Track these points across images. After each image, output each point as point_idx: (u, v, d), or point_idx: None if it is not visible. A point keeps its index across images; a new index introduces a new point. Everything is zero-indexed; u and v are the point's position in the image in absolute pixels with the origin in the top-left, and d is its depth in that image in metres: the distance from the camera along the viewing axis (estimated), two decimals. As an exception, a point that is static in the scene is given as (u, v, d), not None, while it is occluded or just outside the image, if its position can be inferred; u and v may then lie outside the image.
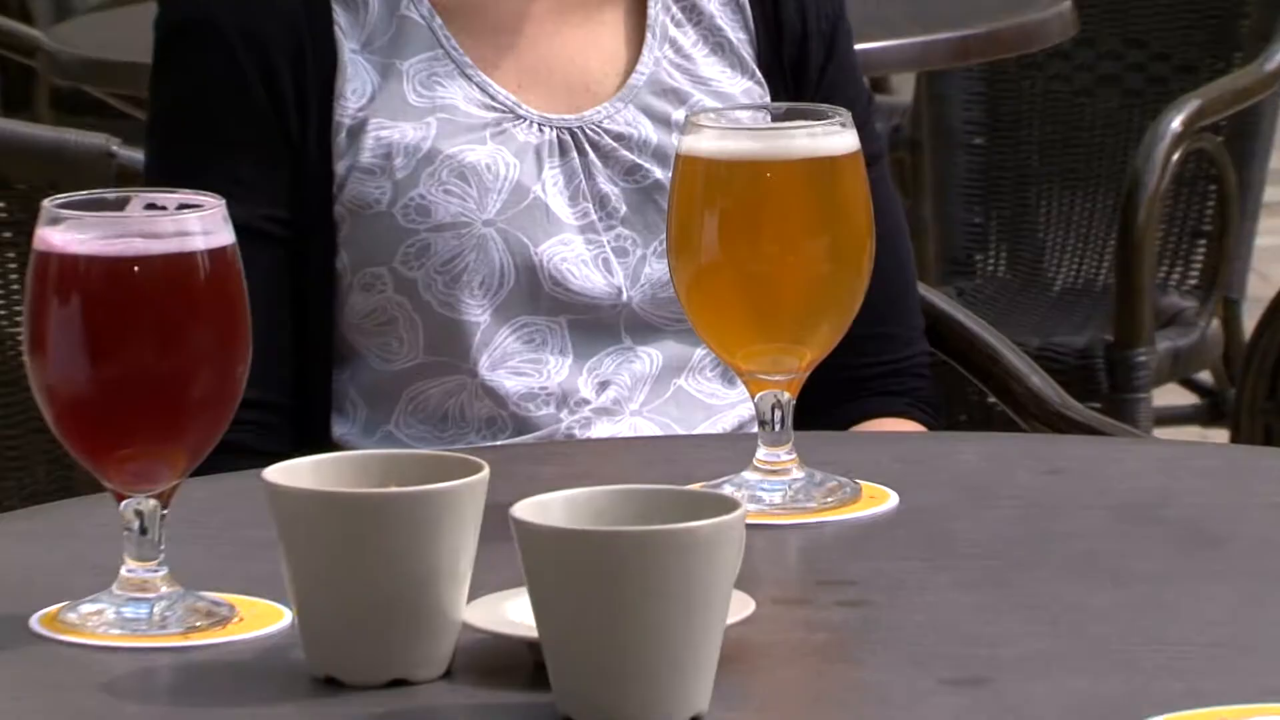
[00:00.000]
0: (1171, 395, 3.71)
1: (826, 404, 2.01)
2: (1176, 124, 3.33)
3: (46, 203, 1.65)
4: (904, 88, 3.79)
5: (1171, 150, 3.32)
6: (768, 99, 2.29)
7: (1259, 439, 2.82)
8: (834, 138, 1.80)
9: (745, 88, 2.31)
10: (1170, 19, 3.80)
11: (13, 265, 2.70)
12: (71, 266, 1.65)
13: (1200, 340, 3.60)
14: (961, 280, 3.73)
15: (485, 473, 1.54)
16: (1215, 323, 3.68)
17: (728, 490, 1.64)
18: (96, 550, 1.66)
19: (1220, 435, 3.52)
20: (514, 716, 1.52)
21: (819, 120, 1.82)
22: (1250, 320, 3.23)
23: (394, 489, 1.55)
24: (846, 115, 1.83)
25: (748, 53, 2.35)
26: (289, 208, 2.29)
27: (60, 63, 3.61)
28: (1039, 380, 2.26)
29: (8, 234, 2.72)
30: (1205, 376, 3.73)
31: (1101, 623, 1.64)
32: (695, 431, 2.29)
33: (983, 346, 2.29)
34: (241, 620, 1.61)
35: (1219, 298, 3.63)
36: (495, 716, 1.53)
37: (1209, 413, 3.74)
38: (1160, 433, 3.48)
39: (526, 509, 1.47)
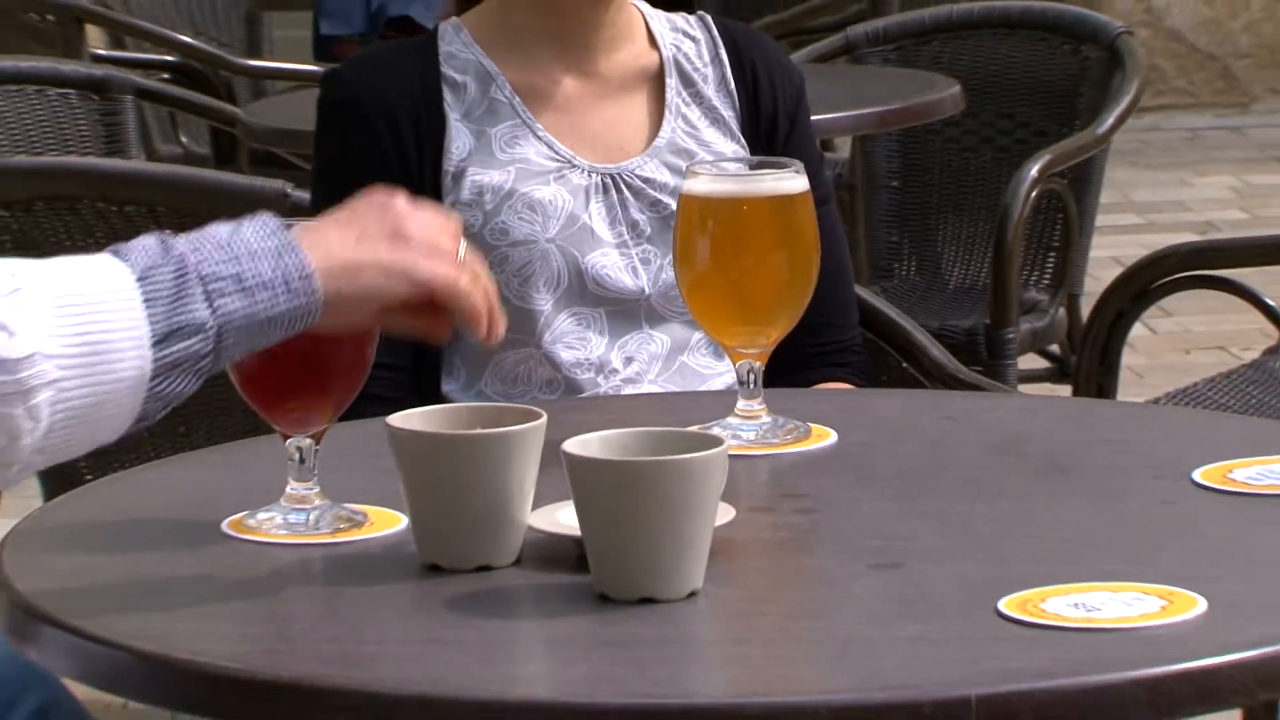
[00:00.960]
0: (1030, 361, 3.73)
1: (790, 371, 2.04)
2: (1034, 172, 3.38)
3: None
4: (844, 146, 3.80)
5: (1030, 190, 3.36)
6: (747, 155, 2.31)
7: (1094, 394, 2.87)
8: (791, 181, 1.83)
9: (733, 149, 2.33)
10: (1028, 98, 3.84)
11: None
12: None
13: (1051, 323, 3.65)
14: (884, 282, 3.77)
15: (544, 419, 1.58)
16: (1061, 311, 3.66)
17: (716, 431, 1.67)
18: (268, 475, 1.68)
19: (1065, 390, 3.53)
20: (564, 593, 1.53)
21: (781, 169, 1.85)
22: (1086, 308, 3.29)
23: (479, 431, 1.57)
24: (800, 165, 1.86)
25: (735, 124, 2.37)
26: None
27: (253, 130, 3.61)
28: (938, 352, 2.28)
29: None
30: (1054, 349, 3.77)
31: (981, 525, 1.67)
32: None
33: (899, 329, 2.32)
34: (371, 524, 1.65)
35: (1064, 293, 3.68)
36: (550, 594, 1.55)
37: (1057, 374, 3.76)
38: (1023, 389, 3.50)
39: (573, 445, 1.51)
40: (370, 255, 1.44)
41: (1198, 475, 1.67)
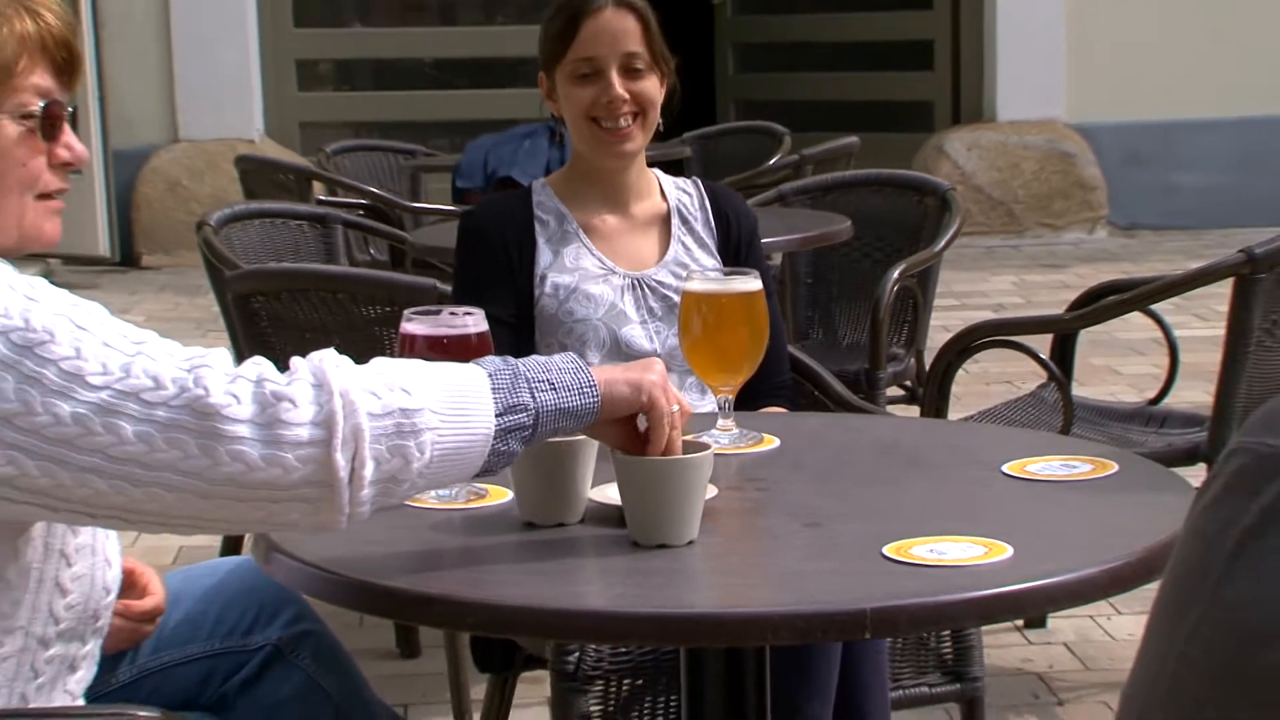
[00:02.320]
0: (893, 393, 3.71)
1: (748, 401, 1.98)
2: (895, 274, 3.35)
3: (407, 311, 1.60)
4: (778, 258, 3.79)
5: (893, 286, 3.33)
6: (722, 267, 2.29)
7: (934, 414, 2.87)
8: (751, 283, 1.80)
9: (713, 263, 2.30)
10: (891, 229, 3.82)
11: (392, 336, 2.63)
12: (414, 341, 1.57)
13: (906, 368, 3.62)
14: (803, 342, 3.74)
15: None
16: (912, 361, 3.63)
17: (704, 439, 1.62)
18: None
19: (915, 411, 3.51)
20: (609, 541, 1.49)
21: (744, 275, 1.81)
22: (928, 359, 3.29)
23: (560, 439, 1.49)
24: (756, 273, 1.83)
25: (714, 247, 2.34)
26: (516, 311, 2.28)
27: (415, 247, 3.58)
28: (839, 387, 2.25)
29: (390, 326, 2.60)
30: (908, 384, 3.74)
31: (869, 499, 1.65)
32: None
33: (813, 372, 2.28)
34: (490, 496, 1.61)
35: (914, 349, 3.65)
36: (601, 541, 1.51)
37: (909, 400, 3.73)
38: (890, 409, 3.48)
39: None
40: (628, 377, 1.44)
41: (1005, 467, 1.64)
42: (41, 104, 1.42)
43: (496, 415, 1.35)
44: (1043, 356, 2.87)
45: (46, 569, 1.42)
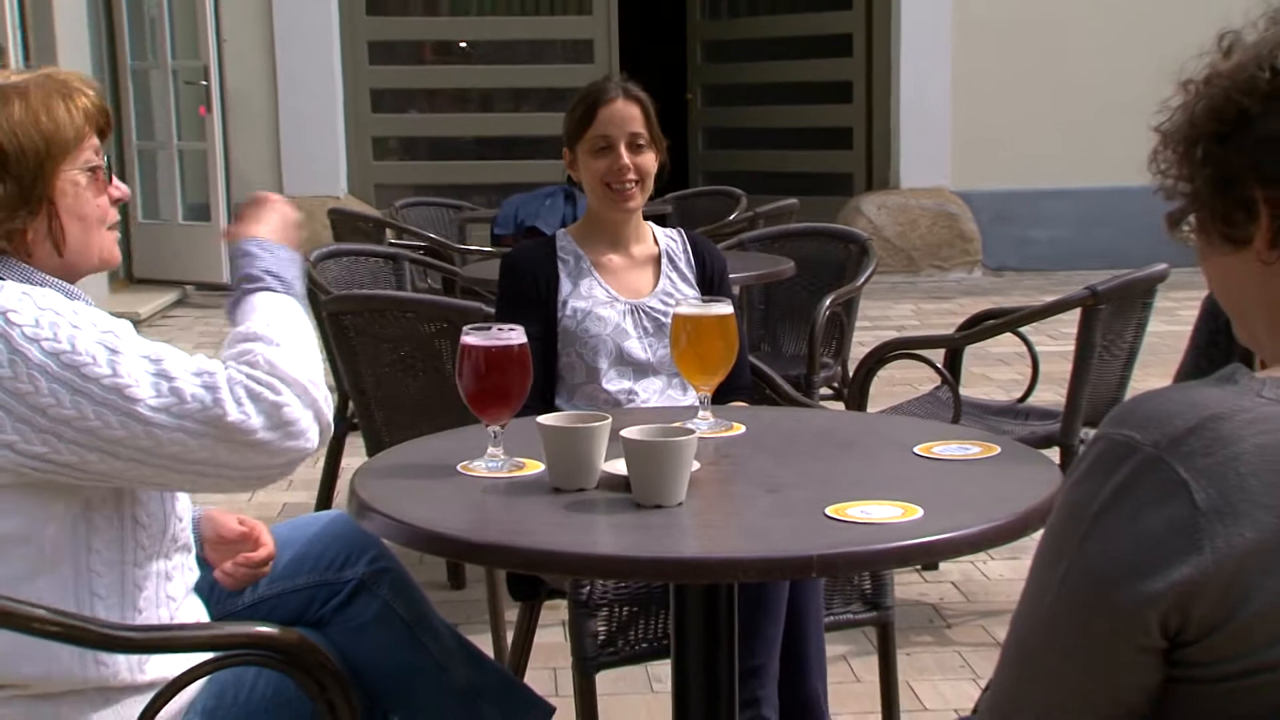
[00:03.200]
0: (825, 392, 3.68)
1: (720, 397, 1.94)
2: (826, 303, 3.30)
3: (465, 328, 1.58)
4: (737, 289, 3.79)
5: (825, 311, 3.29)
6: (700, 296, 2.27)
7: (858, 409, 2.82)
8: (725, 308, 1.77)
9: (693, 293, 2.29)
10: (824, 268, 3.77)
11: (449, 348, 2.56)
12: (469, 351, 1.57)
13: (835, 373, 3.58)
14: (757, 354, 3.70)
15: (609, 420, 1.52)
16: (839, 368, 3.58)
17: (689, 426, 1.60)
18: (479, 443, 1.60)
19: (842, 406, 3.49)
20: (618, 502, 1.46)
21: (720, 302, 1.77)
22: (852, 366, 3.25)
23: (580, 425, 1.50)
24: (728, 300, 1.80)
25: (694, 281, 2.31)
26: (544, 328, 2.23)
27: (463, 278, 3.55)
28: (787, 387, 2.23)
29: (448, 339, 2.57)
30: (836, 385, 3.70)
31: (815, 472, 1.60)
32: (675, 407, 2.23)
33: (767, 375, 2.25)
34: (526, 467, 1.57)
35: (841, 359, 3.62)
36: (612, 502, 1.47)
37: (837, 398, 3.70)
38: (824, 404, 3.46)
39: (627, 432, 1.45)
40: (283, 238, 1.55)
41: (916, 449, 1.62)
42: (100, 159, 1.44)
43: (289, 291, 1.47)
44: (938, 365, 2.87)
45: (124, 511, 1.38)
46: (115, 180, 1.48)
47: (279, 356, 1.33)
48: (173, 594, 1.45)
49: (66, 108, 1.40)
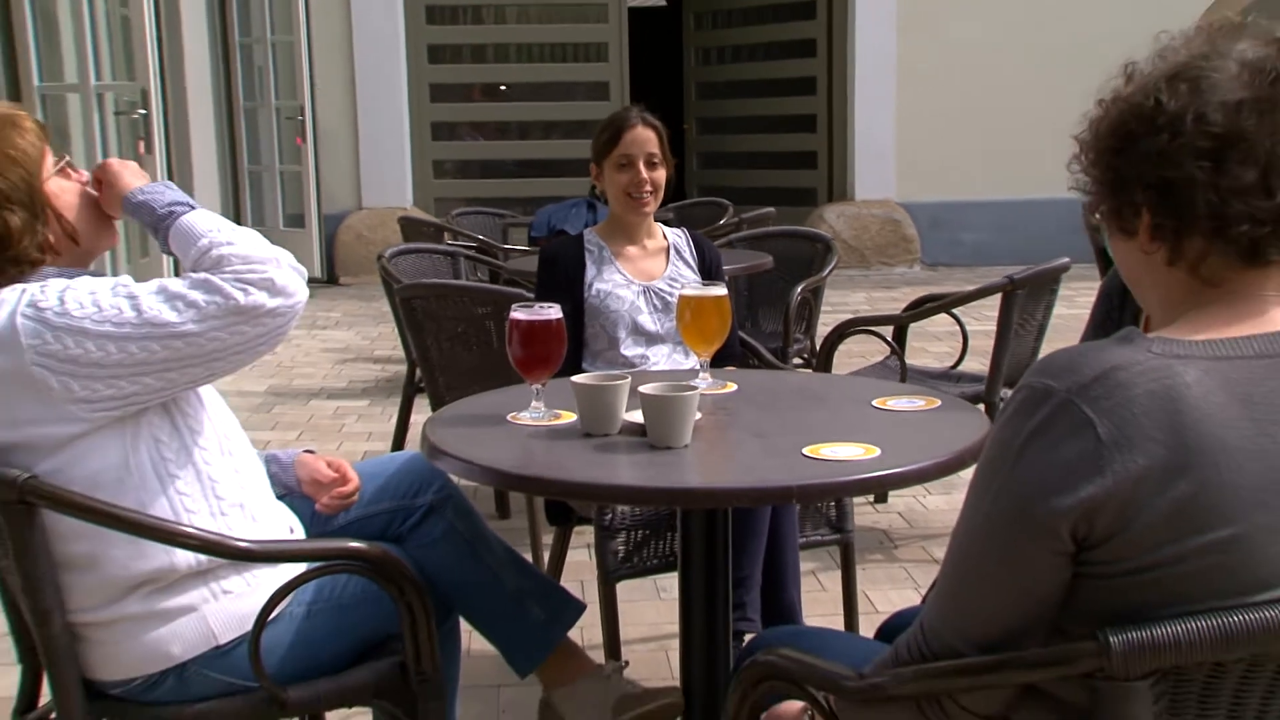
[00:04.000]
0: (796, 362, 3.66)
1: (716, 363, 1.93)
2: (798, 290, 3.29)
3: (513, 305, 1.56)
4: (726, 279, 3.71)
5: (798, 297, 3.28)
6: (700, 280, 2.27)
7: (826, 370, 2.79)
8: (720, 290, 1.75)
9: (695, 278, 2.29)
10: (795, 263, 3.73)
11: (496, 326, 2.50)
12: (517, 324, 1.55)
13: (805, 346, 3.57)
14: (743, 330, 3.67)
15: (629, 379, 1.50)
16: (809, 342, 3.58)
17: (693, 384, 1.58)
18: (524, 398, 1.59)
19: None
20: (636, 444, 1.43)
21: (716, 285, 1.76)
22: (819, 340, 3.21)
23: (606, 383, 1.47)
24: (722, 284, 1.79)
25: (695, 268, 2.32)
26: (573, 306, 2.21)
27: (506, 270, 3.52)
28: (769, 355, 2.22)
29: (495, 319, 2.51)
30: (806, 355, 3.67)
31: (793, 421, 1.57)
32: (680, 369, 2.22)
33: (753, 347, 2.25)
34: (562, 417, 1.54)
35: (811, 335, 3.60)
36: (632, 445, 1.44)
37: (807, 366, 3.68)
38: (800, 368, 3.43)
39: (644, 388, 1.43)
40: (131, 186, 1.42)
41: (874, 402, 1.61)
42: (61, 160, 1.40)
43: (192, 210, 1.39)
44: (888, 339, 2.86)
45: (179, 424, 1.36)
46: (80, 170, 1.44)
47: (241, 248, 1.33)
48: (251, 489, 1.42)
49: (21, 134, 1.37)
